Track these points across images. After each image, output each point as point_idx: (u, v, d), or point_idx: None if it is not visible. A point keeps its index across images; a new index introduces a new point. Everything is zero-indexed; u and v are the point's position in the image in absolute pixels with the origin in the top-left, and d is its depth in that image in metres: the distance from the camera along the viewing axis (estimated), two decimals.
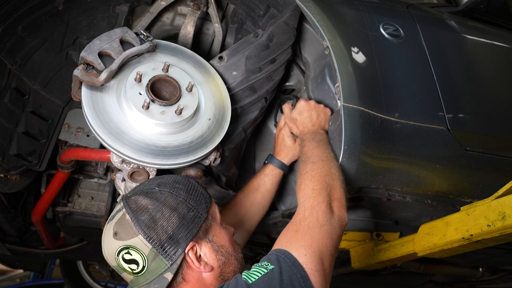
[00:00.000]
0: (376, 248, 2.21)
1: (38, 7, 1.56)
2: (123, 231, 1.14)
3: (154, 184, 1.23)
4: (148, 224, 1.13)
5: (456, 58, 1.95)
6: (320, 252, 1.16)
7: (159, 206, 1.16)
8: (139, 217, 1.13)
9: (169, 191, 1.20)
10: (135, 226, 1.12)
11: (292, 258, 1.11)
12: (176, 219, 1.15)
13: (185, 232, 1.15)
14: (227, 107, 1.61)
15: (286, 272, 1.07)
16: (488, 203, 1.51)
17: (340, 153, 1.50)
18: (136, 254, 1.12)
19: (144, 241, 1.11)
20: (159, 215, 1.14)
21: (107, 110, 1.40)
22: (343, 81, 1.53)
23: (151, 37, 1.53)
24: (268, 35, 1.67)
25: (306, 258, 1.12)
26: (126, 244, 1.13)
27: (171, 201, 1.17)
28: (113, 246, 1.15)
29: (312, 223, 1.23)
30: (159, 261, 1.12)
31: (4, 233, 2.33)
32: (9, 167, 1.59)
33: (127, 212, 1.15)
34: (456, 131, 1.72)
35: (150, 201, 1.17)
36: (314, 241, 1.18)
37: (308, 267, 1.10)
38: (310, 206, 1.28)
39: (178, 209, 1.17)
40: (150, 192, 1.20)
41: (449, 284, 3.46)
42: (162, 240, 1.12)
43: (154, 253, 1.12)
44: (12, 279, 5.88)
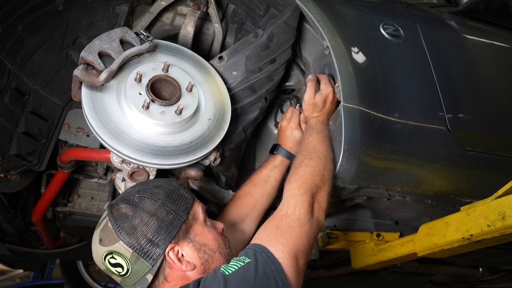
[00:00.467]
0: (376, 248, 2.21)
1: (38, 7, 1.56)
2: (106, 238, 1.23)
3: (135, 191, 1.30)
4: (127, 231, 1.21)
5: (456, 58, 1.95)
6: (297, 250, 1.22)
7: (138, 212, 1.23)
8: (120, 224, 1.22)
9: (148, 197, 1.26)
10: (115, 233, 1.21)
11: (268, 252, 1.17)
12: (154, 223, 1.22)
13: (164, 235, 1.22)
14: (227, 107, 1.61)
15: (262, 264, 1.13)
16: (488, 203, 1.51)
17: (340, 153, 1.50)
18: (120, 258, 1.21)
19: (124, 246, 1.20)
20: (138, 221, 1.22)
21: (107, 110, 1.40)
22: (343, 81, 1.54)
23: (151, 37, 1.53)
24: (268, 35, 1.67)
25: (284, 255, 1.17)
26: (110, 249, 1.22)
27: (150, 207, 1.24)
28: (99, 251, 1.25)
29: (293, 221, 1.28)
30: (141, 264, 1.20)
31: (4, 233, 2.33)
32: (9, 167, 1.59)
33: (110, 220, 1.24)
34: (456, 131, 1.72)
35: (130, 208, 1.25)
36: (293, 239, 1.24)
37: (284, 263, 1.16)
38: (293, 204, 1.33)
39: (157, 213, 1.23)
40: (130, 200, 1.27)
41: (449, 284, 3.47)
42: (142, 244, 1.20)
43: (135, 256, 1.20)
44: (12, 279, 5.87)
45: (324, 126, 1.62)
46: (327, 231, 2.31)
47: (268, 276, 1.10)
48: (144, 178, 1.52)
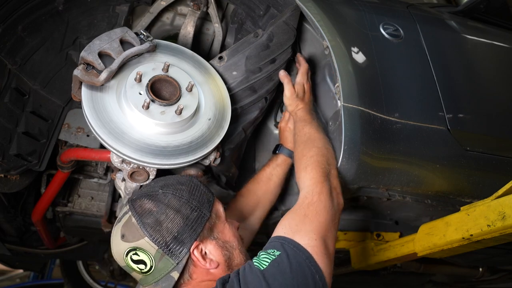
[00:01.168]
0: (376, 248, 2.20)
1: (38, 7, 1.56)
2: (130, 234, 1.19)
3: (157, 187, 1.27)
4: (153, 227, 1.18)
5: (456, 58, 1.95)
6: (326, 236, 1.24)
7: (163, 209, 1.20)
8: (144, 220, 1.18)
9: (172, 193, 1.24)
10: (141, 229, 1.18)
11: (295, 243, 1.18)
12: (180, 220, 1.20)
13: (190, 232, 1.20)
14: (227, 107, 1.61)
15: (293, 255, 1.14)
16: (488, 203, 1.51)
17: (340, 153, 1.50)
18: (144, 255, 1.18)
19: (150, 242, 1.17)
20: (164, 217, 1.19)
21: (107, 110, 1.40)
22: (343, 81, 1.54)
23: (151, 37, 1.53)
24: (268, 35, 1.67)
25: (316, 242, 1.19)
26: (133, 245, 1.18)
27: (174, 203, 1.22)
28: (121, 247, 1.21)
29: (320, 208, 1.30)
30: (166, 261, 1.18)
31: (4, 233, 2.33)
32: (9, 167, 1.59)
33: (133, 215, 1.20)
34: (456, 131, 1.72)
35: (154, 204, 1.21)
36: (322, 225, 1.26)
37: (316, 251, 1.17)
38: (318, 191, 1.34)
39: (182, 210, 1.21)
40: (154, 195, 1.24)
41: (449, 284, 3.46)
42: (168, 241, 1.17)
43: (160, 253, 1.17)
44: (12, 279, 5.87)
45: (312, 115, 1.64)
46: None
47: (301, 265, 1.12)
48: (144, 178, 1.52)
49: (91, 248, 2.84)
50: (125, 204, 1.28)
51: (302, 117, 1.63)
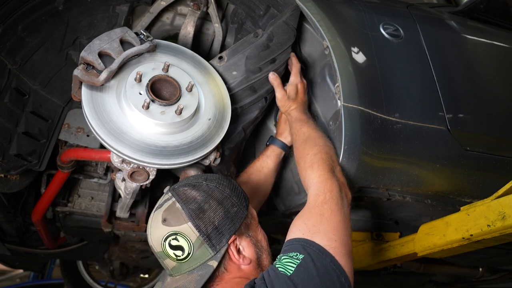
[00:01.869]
0: (376, 248, 2.21)
1: (38, 7, 1.56)
2: (172, 218, 1.21)
3: (201, 179, 1.30)
4: (197, 213, 1.19)
5: (456, 58, 1.95)
6: (344, 234, 1.24)
7: (207, 198, 1.23)
8: (189, 206, 1.21)
9: (215, 186, 1.27)
10: (184, 213, 1.20)
11: (317, 245, 1.17)
12: (221, 211, 1.22)
13: (229, 225, 1.22)
14: (227, 107, 1.61)
15: (317, 259, 1.13)
16: (488, 203, 1.51)
17: (340, 153, 1.50)
18: (183, 240, 1.19)
19: (192, 228, 1.18)
20: (207, 206, 1.22)
21: (107, 110, 1.40)
22: (343, 81, 1.54)
23: (151, 37, 1.53)
24: (268, 35, 1.67)
25: (336, 243, 1.19)
26: (175, 230, 1.19)
27: (217, 195, 1.25)
28: (161, 232, 1.21)
29: (333, 206, 1.29)
30: (204, 250, 1.19)
31: (4, 233, 2.33)
32: (9, 167, 1.59)
33: (177, 200, 1.23)
34: (456, 131, 1.72)
35: (198, 193, 1.24)
36: (339, 225, 1.25)
37: (339, 251, 1.17)
38: (329, 188, 1.34)
39: (224, 203, 1.24)
40: (198, 185, 1.27)
41: (449, 284, 3.46)
42: (209, 229, 1.19)
43: (200, 241, 1.18)
44: (12, 279, 5.88)
45: (306, 114, 1.66)
46: None
47: (327, 268, 1.12)
48: (144, 178, 1.52)
49: (91, 248, 2.85)
50: (166, 192, 1.29)
51: (298, 117, 1.64)
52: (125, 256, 2.89)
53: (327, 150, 1.48)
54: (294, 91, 1.68)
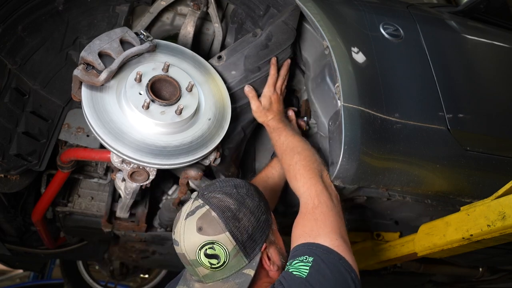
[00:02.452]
0: (376, 248, 2.20)
1: (38, 7, 1.56)
2: (209, 227, 1.19)
3: (230, 186, 1.29)
4: (233, 222, 1.20)
5: (456, 58, 1.94)
6: (341, 232, 1.30)
7: (241, 207, 1.23)
8: (226, 215, 1.20)
9: (246, 193, 1.28)
10: (222, 223, 1.19)
11: (323, 247, 1.22)
12: (254, 220, 1.24)
13: (260, 233, 1.24)
14: (227, 107, 1.61)
15: (326, 259, 1.18)
16: (488, 203, 1.51)
17: (340, 153, 1.50)
18: (220, 249, 1.18)
19: (230, 237, 1.18)
20: (241, 215, 1.22)
21: (107, 110, 1.40)
22: (343, 81, 1.53)
23: (151, 37, 1.53)
24: (266, 34, 1.67)
25: (338, 242, 1.24)
26: (212, 239, 1.18)
27: (249, 203, 1.26)
28: (196, 240, 1.19)
29: (324, 209, 1.35)
30: (239, 258, 1.20)
31: (4, 233, 2.33)
32: (9, 167, 1.59)
33: (213, 209, 1.21)
34: (456, 131, 1.72)
35: (232, 201, 1.24)
36: (334, 224, 1.31)
37: (342, 249, 1.22)
38: (315, 194, 1.39)
39: (255, 212, 1.25)
40: (230, 193, 1.26)
41: (449, 284, 3.46)
42: (244, 238, 1.20)
43: (236, 250, 1.19)
44: (12, 279, 5.87)
45: (283, 122, 1.69)
46: None
47: (337, 266, 1.17)
48: (144, 178, 1.52)
49: (91, 248, 2.85)
50: (195, 199, 1.27)
51: (274, 126, 1.67)
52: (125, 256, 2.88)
53: (307, 155, 1.52)
54: (268, 102, 1.70)
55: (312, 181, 1.43)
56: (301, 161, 1.49)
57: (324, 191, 1.40)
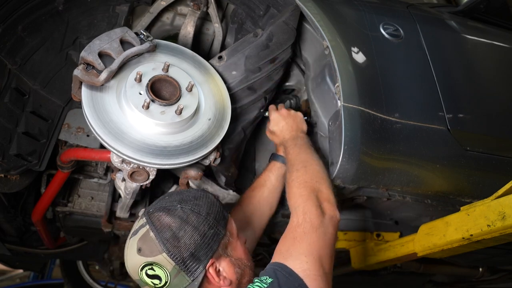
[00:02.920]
0: (376, 248, 2.21)
1: (38, 7, 1.56)
2: (147, 248, 1.18)
3: (176, 201, 1.26)
4: (172, 242, 1.17)
5: (456, 58, 1.95)
6: (319, 255, 1.22)
7: (182, 225, 1.19)
8: (163, 235, 1.17)
9: (191, 209, 1.23)
10: (159, 244, 1.17)
11: (287, 269, 1.17)
12: (197, 237, 1.19)
13: (206, 250, 1.20)
14: (227, 107, 1.61)
15: (284, 283, 1.13)
16: (488, 203, 1.51)
17: (340, 153, 1.50)
18: (160, 270, 1.17)
19: (167, 258, 1.16)
20: (182, 233, 1.18)
21: (107, 110, 1.40)
22: (343, 81, 1.54)
23: (151, 37, 1.53)
24: (267, 34, 1.67)
25: (308, 265, 1.18)
26: (150, 260, 1.17)
27: (193, 219, 1.21)
28: (136, 261, 1.19)
29: (307, 228, 1.28)
30: (181, 277, 1.17)
31: (4, 233, 2.33)
32: (9, 167, 1.59)
33: (151, 229, 1.19)
34: (456, 131, 1.72)
35: (173, 219, 1.20)
36: (312, 246, 1.24)
37: (311, 274, 1.16)
38: (302, 212, 1.33)
39: (199, 227, 1.21)
40: (172, 210, 1.23)
41: (449, 284, 3.46)
42: (185, 257, 1.17)
43: (177, 270, 1.16)
44: (12, 279, 5.87)
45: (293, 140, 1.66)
46: None
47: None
48: (144, 178, 1.52)
49: (91, 248, 2.84)
50: (141, 216, 1.27)
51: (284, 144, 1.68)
52: None
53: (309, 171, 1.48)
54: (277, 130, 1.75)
55: (302, 198, 1.38)
56: (297, 178, 1.46)
57: (313, 209, 1.33)
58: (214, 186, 1.91)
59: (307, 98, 1.86)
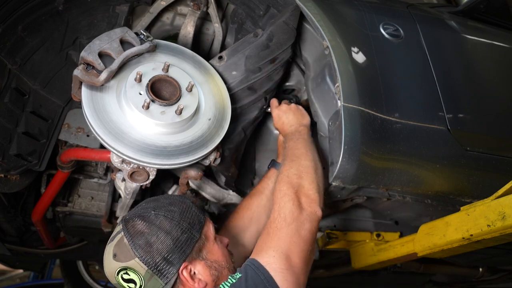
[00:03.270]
0: (376, 248, 2.21)
1: (38, 7, 1.56)
2: (121, 254, 1.23)
3: (150, 208, 1.31)
4: (144, 248, 1.21)
5: (456, 58, 1.95)
6: (287, 250, 1.25)
7: (154, 230, 1.24)
8: (136, 241, 1.22)
9: (164, 215, 1.27)
10: (132, 250, 1.22)
11: (256, 264, 1.21)
12: (170, 241, 1.23)
13: (179, 254, 1.24)
14: (227, 107, 1.61)
15: (251, 277, 1.17)
16: (488, 203, 1.51)
17: (340, 153, 1.50)
18: (134, 274, 1.22)
19: (140, 263, 1.21)
20: (154, 238, 1.23)
21: (107, 110, 1.40)
22: (343, 81, 1.53)
23: (151, 37, 1.53)
24: (268, 34, 1.67)
25: (274, 259, 1.22)
26: (124, 265, 1.22)
27: (165, 225, 1.26)
28: (113, 266, 1.25)
29: (280, 223, 1.32)
30: (155, 281, 1.22)
31: (4, 233, 2.33)
32: (9, 167, 1.59)
33: (125, 235, 1.24)
34: (456, 131, 1.72)
35: (146, 225, 1.25)
36: (282, 241, 1.27)
37: (277, 267, 1.20)
38: (278, 208, 1.37)
39: (172, 232, 1.25)
40: (146, 216, 1.28)
41: (449, 284, 3.46)
42: (157, 262, 1.21)
43: (150, 274, 1.21)
44: (12, 279, 5.87)
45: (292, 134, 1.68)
46: (327, 231, 2.31)
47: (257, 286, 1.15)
48: (144, 178, 1.52)
49: (91, 248, 2.84)
50: (119, 223, 1.31)
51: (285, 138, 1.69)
52: None
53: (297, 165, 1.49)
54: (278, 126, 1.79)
55: (280, 194, 1.40)
56: (281, 174, 1.48)
57: (288, 205, 1.36)
58: (214, 186, 1.91)
59: (307, 98, 1.86)
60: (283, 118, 1.75)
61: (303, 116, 1.76)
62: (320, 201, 1.43)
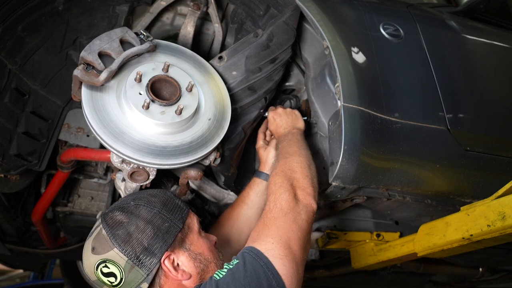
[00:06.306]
0: (376, 248, 2.21)
1: (38, 7, 1.56)
2: (100, 246, 1.21)
3: (130, 199, 1.30)
4: (123, 238, 1.19)
5: (456, 58, 1.94)
6: (287, 238, 1.22)
7: (133, 220, 1.22)
8: (114, 232, 1.20)
9: (143, 204, 1.26)
10: (110, 240, 1.19)
11: (255, 250, 1.17)
12: (150, 230, 1.21)
13: (160, 243, 1.21)
14: (227, 107, 1.61)
15: (250, 263, 1.13)
16: (488, 203, 1.51)
17: (340, 153, 1.50)
18: (113, 266, 1.19)
19: (119, 253, 1.18)
20: (133, 228, 1.21)
21: (107, 110, 1.40)
22: (343, 81, 1.53)
23: (151, 37, 1.53)
24: (268, 35, 1.67)
25: (273, 246, 1.18)
26: (103, 257, 1.19)
27: (145, 214, 1.24)
28: (91, 260, 1.22)
29: (277, 213, 1.29)
30: (136, 272, 1.19)
31: (4, 233, 2.33)
32: (9, 167, 1.59)
33: (103, 227, 1.22)
34: (456, 131, 1.72)
35: (125, 216, 1.24)
36: (280, 228, 1.24)
37: (276, 254, 1.16)
38: (273, 198, 1.35)
39: (153, 221, 1.23)
40: (125, 207, 1.26)
41: (449, 284, 3.47)
42: (137, 251, 1.19)
43: (130, 264, 1.18)
44: (12, 279, 5.87)
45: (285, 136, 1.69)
46: (327, 231, 2.31)
47: (257, 272, 1.11)
48: (144, 178, 1.52)
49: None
50: (98, 218, 1.30)
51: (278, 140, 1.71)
52: None
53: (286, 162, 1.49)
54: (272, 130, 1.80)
55: (276, 186, 1.39)
56: (274, 169, 1.48)
57: (284, 196, 1.34)
58: (214, 186, 1.91)
59: (307, 98, 1.86)
60: (278, 120, 1.76)
61: (297, 119, 1.77)
62: (315, 195, 1.43)
